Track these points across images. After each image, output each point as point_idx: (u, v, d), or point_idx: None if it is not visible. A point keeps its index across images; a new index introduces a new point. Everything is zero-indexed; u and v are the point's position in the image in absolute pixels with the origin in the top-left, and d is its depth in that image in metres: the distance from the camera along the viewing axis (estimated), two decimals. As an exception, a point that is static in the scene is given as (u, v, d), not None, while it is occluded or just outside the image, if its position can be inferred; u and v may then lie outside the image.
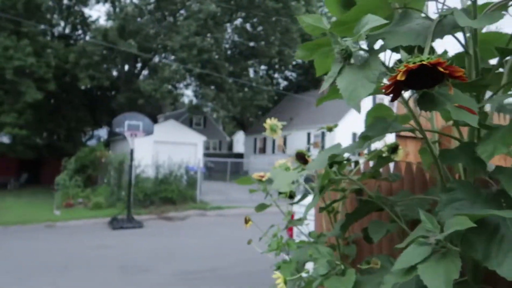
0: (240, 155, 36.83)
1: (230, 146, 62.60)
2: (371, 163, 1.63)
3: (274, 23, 25.96)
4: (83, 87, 23.61)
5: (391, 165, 1.70)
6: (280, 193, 1.64)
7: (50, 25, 21.76)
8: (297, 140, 27.70)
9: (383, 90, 0.82)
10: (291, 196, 1.62)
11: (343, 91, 0.84)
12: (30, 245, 8.89)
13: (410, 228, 1.18)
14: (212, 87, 26.86)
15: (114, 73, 25.93)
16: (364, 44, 0.90)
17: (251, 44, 26.82)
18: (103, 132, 28.28)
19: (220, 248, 8.85)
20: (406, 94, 1.04)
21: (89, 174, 16.33)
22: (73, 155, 17.33)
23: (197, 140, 22.97)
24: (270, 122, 1.70)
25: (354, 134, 24.92)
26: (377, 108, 1.35)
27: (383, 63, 0.92)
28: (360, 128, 24.87)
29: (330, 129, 1.59)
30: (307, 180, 1.75)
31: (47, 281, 6.37)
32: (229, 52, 27.90)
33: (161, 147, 20.88)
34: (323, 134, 25.27)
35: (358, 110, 0.85)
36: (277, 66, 35.35)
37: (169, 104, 46.26)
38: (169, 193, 14.76)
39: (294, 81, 39.93)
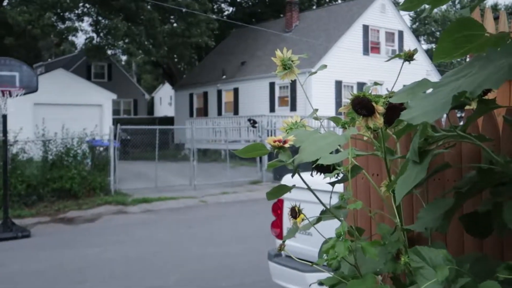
0: (167, 120, 36.37)
1: (151, 107, 61.74)
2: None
3: None
4: None
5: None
6: (314, 167, 1.54)
7: None
8: (254, 94, 27.79)
9: None
10: (326, 171, 1.52)
11: None
12: None
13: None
14: (122, 16, 25.87)
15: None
16: None
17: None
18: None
19: (155, 263, 8.75)
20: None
21: None
22: None
23: (103, 99, 22.44)
24: (281, 53, 1.58)
25: (337, 83, 25.35)
26: (462, 23, 1.20)
27: None
28: (346, 75, 25.54)
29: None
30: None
31: None
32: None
33: (47, 111, 20.18)
34: (291, 85, 25.51)
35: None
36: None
37: (54, 46, 44.50)
38: (66, 182, 14.51)
39: (245, 6, 39.46)
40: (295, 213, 1.52)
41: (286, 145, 1.45)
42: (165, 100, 58.02)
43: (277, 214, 5.47)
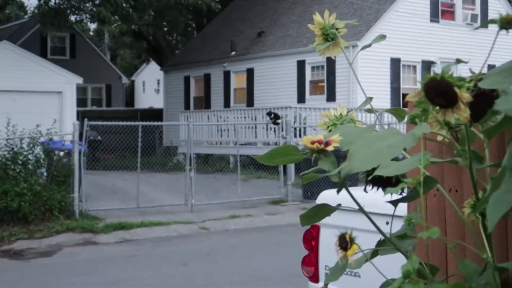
0: (154, 114, 36.43)
1: (130, 95, 61.81)
2: None
3: None
4: None
5: None
6: (369, 180, 1.54)
7: None
8: (275, 78, 27.79)
9: None
10: (385, 184, 1.52)
11: None
12: None
13: None
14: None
15: None
16: None
17: None
18: None
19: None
20: None
21: None
22: None
23: (63, 84, 22.55)
24: (321, 18, 1.58)
25: (394, 62, 25.24)
26: None
27: None
28: (406, 51, 25.37)
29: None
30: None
31: None
32: None
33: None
34: (328, 64, 25.48)
35: None
36: None
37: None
38: (12, 201, 14.57)
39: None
40: (345, 243, 1.51)
41: (329, 148, 1.45)
42: (150, 85, 58.37)
43: (311, 247, 5.45)
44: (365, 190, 1.62)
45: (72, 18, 30.33)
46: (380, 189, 1.56)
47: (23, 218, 14.75)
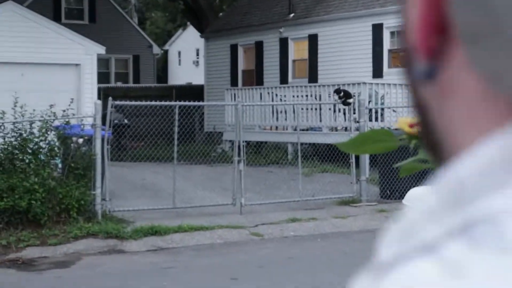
0: (193, 92, 36.50)
1: (163, 69, 61.67)
2: None
3: None
4: None
5: None
6: None
7: None
8: (345, 47, 27.62)
9: None
10: None
11: None
12: None
13: None
14: None
15: None
16: None
17: None
18: None
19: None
20: None
21: None
22: None
23: (81, 54, 22.69)
24: None
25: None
26: None
27: None
28: None
29: None
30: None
31: None
32: None
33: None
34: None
35: None
36: None
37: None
38: (21, 199, 14.70)
39: None
40: None
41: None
42: (187, 56, 58.48)
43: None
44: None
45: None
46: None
47: (33, 220, 14.81)
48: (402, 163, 1.53)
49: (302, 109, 23.88)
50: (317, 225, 15.95)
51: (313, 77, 28.81)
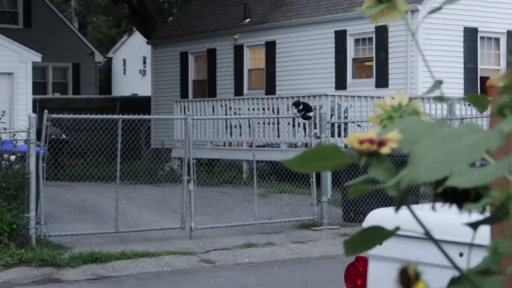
0: (139, 104, 36.66)
1: (106, 78, 62.03)
2: None
3: None
4: None
5: None
6: (440, 193, 1.53)
7: None
8: (305, 56, 27.83)
9: None
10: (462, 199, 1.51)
11: None
12: None
13: None
14: None
15: None
16: None
17: None
18: None
19: None
20: None
21: None
22: None
23: (15, 62, 22.71)
24: None
25: (469, 33, 25.27)
26: None
27: None
28: (484, 19, 25.36)
29: None
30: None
31: None
32: None
33: None
34: (379, 36, 25.55)
35: None
36: None
37: None
38: None
39: None
40: (407, 279, 1.51)
41: (384, 150, 1.44)
42: (133, 65, 58.77)
43: (356, 286, 5.47)
44: (433, 207, 1.61)
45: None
46: (454, 206, 1.56)
47: (-41, 247, 14.86)
48: (351, 183, 1.51)
49: (258, 123, 24.11)
50: (274, 251, 16.06)
51: (270, 88, 29.06)
